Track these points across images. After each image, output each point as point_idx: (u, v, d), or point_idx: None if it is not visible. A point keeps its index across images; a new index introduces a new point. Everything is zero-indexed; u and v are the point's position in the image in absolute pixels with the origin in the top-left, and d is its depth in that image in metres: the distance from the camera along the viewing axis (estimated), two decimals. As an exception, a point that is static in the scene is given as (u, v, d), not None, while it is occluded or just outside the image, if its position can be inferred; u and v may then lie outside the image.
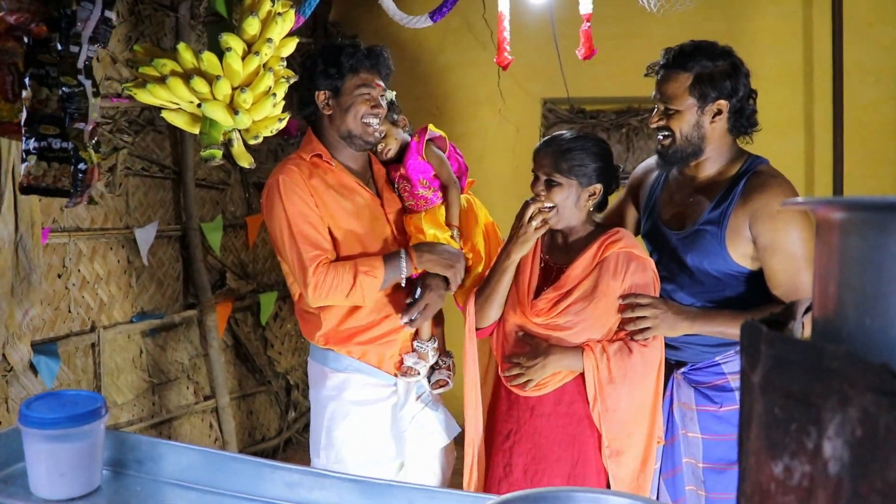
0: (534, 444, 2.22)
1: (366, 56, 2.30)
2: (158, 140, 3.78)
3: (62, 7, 1.82)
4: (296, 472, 1.33)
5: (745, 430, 0.71)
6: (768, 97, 4.34)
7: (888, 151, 4.33)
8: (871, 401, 0.54)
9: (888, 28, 4.27)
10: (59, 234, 3.16)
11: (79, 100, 1.83)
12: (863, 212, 0.64)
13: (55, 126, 1.85)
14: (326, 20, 5.10)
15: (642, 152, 4.85)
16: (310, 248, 2.21)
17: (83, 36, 1.82)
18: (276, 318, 4.69)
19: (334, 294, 2.20)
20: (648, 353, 2.16)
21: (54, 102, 1.85)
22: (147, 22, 3.59)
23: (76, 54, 1.83)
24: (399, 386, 2.39)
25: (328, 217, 2.27)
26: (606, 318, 2.19)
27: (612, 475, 2.17)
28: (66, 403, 1.30)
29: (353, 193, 2.35)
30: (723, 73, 2.20)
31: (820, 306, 0.71)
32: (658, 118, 2.26)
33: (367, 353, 2.35)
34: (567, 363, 2.17)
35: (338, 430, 2.34)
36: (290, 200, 2.22)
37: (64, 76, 1.83)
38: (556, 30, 4.38)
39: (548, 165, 2.21)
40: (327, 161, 2.33)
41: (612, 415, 2.15)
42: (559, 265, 2.28)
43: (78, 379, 3.27)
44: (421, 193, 2.42)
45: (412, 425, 2.38)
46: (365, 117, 2.29)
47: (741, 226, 2.15)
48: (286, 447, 4.70)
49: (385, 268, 2.24)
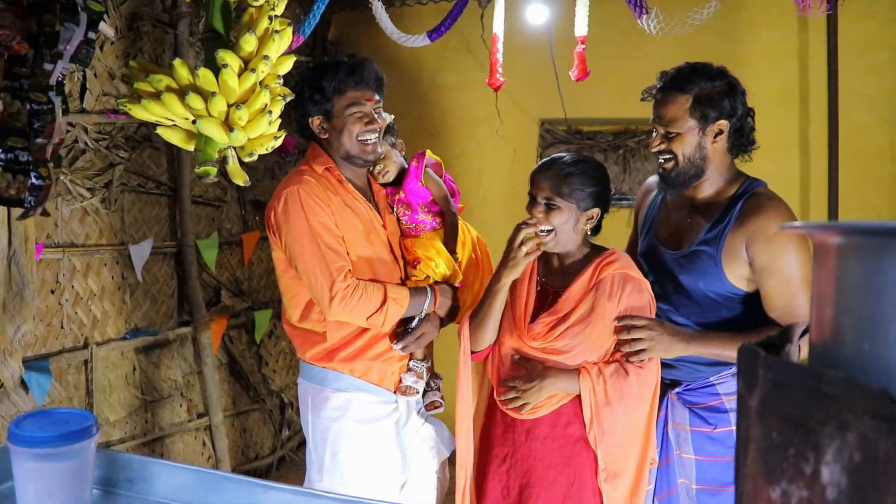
0: (530, 466, 2.20)
1: (349, 73, 2.27)
2: (155, 156, 3.78)
3: (43, 25, 1.82)
4: (289, 492, 1.31)
5: (742, 454, 0.70)
6: (764, 119, 4.36)
7: (882, 175, 4.35)
8: (870, 426, 0.53)
9: (882, 52, 4.31)
10: (53, 250, 3.15)
11: (46, 116, 1.84)
12: (860, 236, 0.63)
13: (24, 139, 1.85)
14: (326, 39, 5.12)
15: (639, 173, 4.86)
16: (336, 258, 2.19)
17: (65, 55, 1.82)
18: (270, 335, 4.68)
19: (357, 311, 2.19)
20: (644, 375, 2.15)
21: (24, 116, 1.85)
22: (146, 38, 3.60)
23: (49, 72, 1.84)
24: (400, 402, 2.38)
25: (342, 230, 2.26)
26: (603, 341, 2.18)
27: (606, 497, 2.16)
28: (56, 422, 1.28)
29: (360, 210, 2.34)
30: (721, 93, 2.20)
31: (817, 330, 0.70)
32: (659, 142, 2.25)
33: (369, 370, 2.33)
34: (563, 386, 2.16)
35: (343, 451, 2.32)
36: (312, 210, 2.20)
37: (34, 92, 1.83)
38: (553, 51, 4.41)
39: (548, 188, 2.18)
40: (337, 177, 2.33)
41: (608, 437, 2.14)
42: (556, 288, 2.27)
43: (70, 396, 3.24)
44: (421, 218, 2.43)
45: (415, 440, 2.40)
46: (360, 135, 2.28)
47: (738, 247, 2.15)
48: (280, 465, 4.67)
49: (410, 301, 2.26)
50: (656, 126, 2.27)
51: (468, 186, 4.65)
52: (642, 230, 2.49)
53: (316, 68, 2.33)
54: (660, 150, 2.25)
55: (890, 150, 4.33)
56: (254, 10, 1.79)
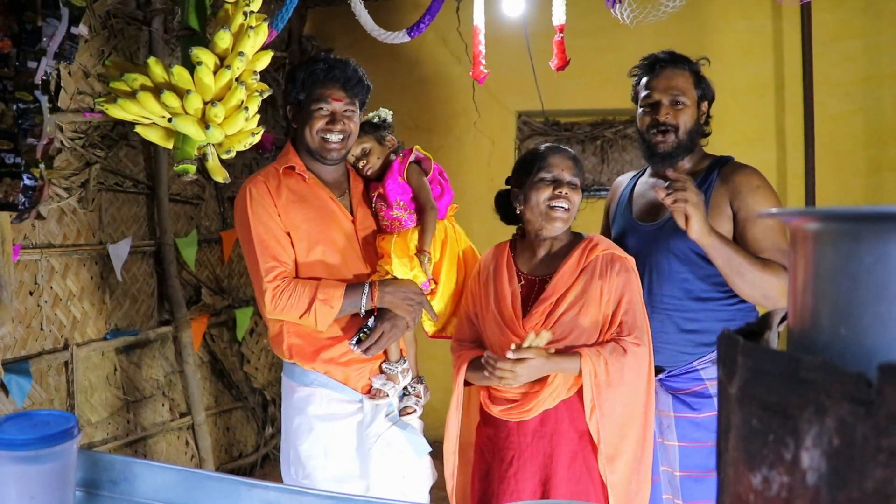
0: (538, 466, 2.19)
1: (323, 70, 2.28)
2: (132, 155, 3.75)
3: (24, 22, 1.80)
4: (272, 490, 1.31)
5: (724, 440, 0.71)
6: (740, 109, 4.44)
7: (858, 162, 4.40)
8: (848, 410, 0.54)
9: (856, 41, 4.35)
10: (31, 251, 3.12)
11: (33, 116, 1.81)
12: (836, 222, 0.64)
13: (9, 141, 1.83)
14: (301, 34, 5.10)
15: (617, 164, 4.89)
16: (268, 259, 2.21)
17: (48, 52, 1.80)
18: (252, 333, 4.66)
19: (287, 311, 2.20)
20: (640, 352, 2.16)
21: (9, 118, 1.83)
22: (120, 36, 3.57)
23: (34, 70, 1.82)
24: (365, 403, 2.33)
25: (292, 229, 2.25)
26: (597, 320, 2.19)
27: (609, 484, 2.15)
28: (37, 424, 1.27)
29: (323, 208, 2.32)
30: (703, 77, 2.38)
31: (795, 316, 0.71)
32: (667, 112, 2.32)
33: (331, 370, 2.31)
34: (563, 366, 2.13)
35: (303, 445, 2.31)
36: (254, 211, 2.23)
37: (20, 91, 1.81)
38: (530, 43, 4.41)
39: (571, 168, 2.27)
40: (300, 173, 2.31)
41: (608, 419, 2.14)
42: (541, 276, 2.28)
43: (51, 398, 3.21)
44: (395, 215, 2.37)
45: (378, 444, 2.32)
46: (320, 132, 2.27)
47: (722, 204, 2.24)
48: (264, 463, 4.66)
49: (344, 299, 2.21)
50: (661, 97, 2.33)
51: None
52: (615, 216, 2.54)
53: (303, 61, 2.37)
54: (666, 121, 2.31)
55: (865, 138, 4.38)
56: (229, 7, 1.78)
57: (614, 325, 2.19)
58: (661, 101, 2.32)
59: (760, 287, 2.14)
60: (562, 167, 2.25)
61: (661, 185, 2.32)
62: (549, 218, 2.24)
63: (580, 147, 4.94)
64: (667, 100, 2.32)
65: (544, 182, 2.24)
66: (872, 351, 0.60)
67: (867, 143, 4.38)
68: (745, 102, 4.50)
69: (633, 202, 2.48)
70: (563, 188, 2.23)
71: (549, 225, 2.24)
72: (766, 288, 2.14)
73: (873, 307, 0.60)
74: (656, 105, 2.33)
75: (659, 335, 2.28)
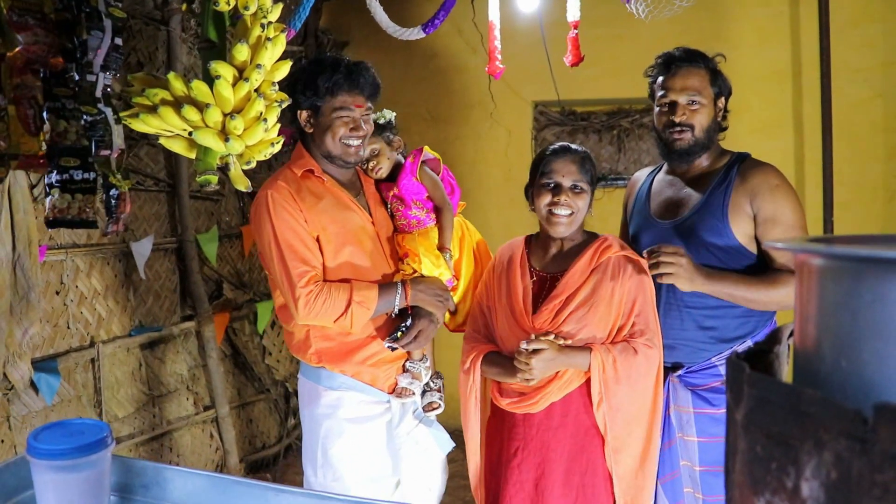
0: (543, 458, 2.23)
1: (345, 77, 2.25)
2: (152, 153, 3.80)
3: (76, 37, 1.84)
4: (300, 496, 1.35)
5: (730, 462, 0.74)
6: (757, 97, 4.42)
7: (876, 149, 4.37)
8: (845, 446, 0.57)
9: (874, 26, 4.31)
10: (56, 252, 3.18)
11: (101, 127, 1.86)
12: (839, 261, 0.67)
13: (75, 157, 1.87)
14: (317, 28, 5.12)
15: (633, 153, 4.89)
16: (299, 264, 2.19)
17: (95, 64, 1.84)
18: (273, 325, 4.72)
19: (323, 315, 2.19)
20: (651, 354, 2.20)
21: (73, 134, 1.87)
22: (139, 37, 3.61)
23: (94, 83, 1.86)
24: (393, 403, 2.38)
25: (319, 232, 2.25)
26: (606, 322, 2.22)
27: (615, 476, 2.21)
28: (72, 433, 1.32)
29: (345, 209, 2.33)
30: (720, 72, 2.38)
31: (801, 341, 0.74)
32: (683, 112, 2.33)
33: (360, 371, 2.33)
34: (575, 361, 2.17)
35: (334, 448, 2.33)
36: (279, 216, 2.20)
37: (84, 105, 1.85)
38: (545, 33, 4.41)
39: (575, 172, 2.26)
40: (319, 176, 2.32)
41: (616, 413, 2.19)
42: (552, 274, 2.31)
43: (78, 394, 3.29)
44: (414, 214, 2.41)
45: (407, 441, 2.39)
46: (344, 139, 2.27)
47: (743, 203, 2.25)
48: (286, 454, 4.74)
49: (379, 300, 2.24)
50: (677, 97, 2.34)
51: (463, 170, 4.67)
52: (632, 213, 2.56)
53: (315, 62, 2.31)
54: (683, 121, 2.32)
55: (884, 124, 4.35)
56: (247, 18, 1.81)
57: (626, 328, 2.22)
58: (677, 101, 2.33)
59: (771, 305, 2.22)
60: (563, 172, 2.26)
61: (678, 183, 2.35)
62: (549, 222, 2.28)
63: (597, 136, 4.94)
64: (683, 100, 2.32)
65: (545, 188, 2.27)
66: (871, 385, 0.63)
67: (886, 128, 4.35)
68: (763, 90, 4.48)
69: (650, 199, 2.49)
70: (561, 195, 2.24)
71: (551, 228, 2.29)
72: (777, 304, 2.22)
73: (872, 343, 0.63)
74: (673, 105, 2.34)
75: (678, 332, 2.30)
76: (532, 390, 2.23)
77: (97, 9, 1.88)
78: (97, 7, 1.88)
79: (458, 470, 2.55)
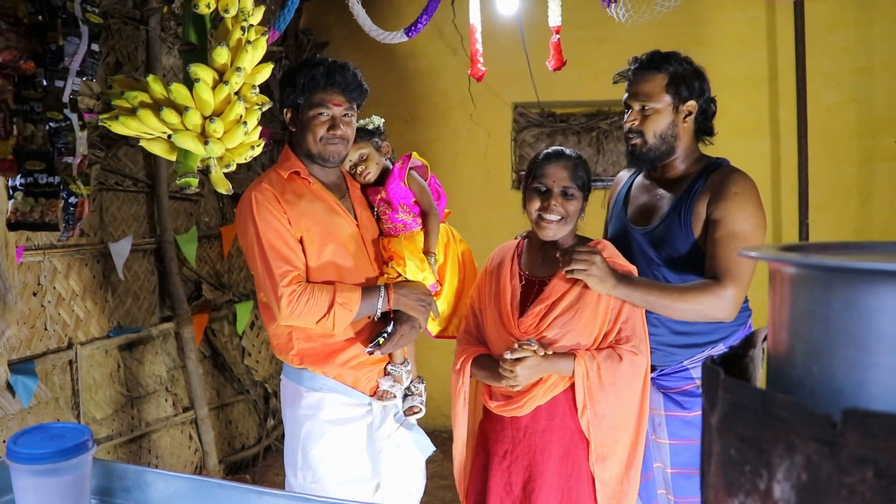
0: (530, 461, 2.24)
1: (323, 74, 2.27)
2: (131, 154, 3.78)
3: (47, 43, 1.83)
4: (282, 498, 1.36)
5: (706, 464, 0.76)
6: (734, 100, 4.48)
7: (850, 152, 4.44)
8: (814, 450, 0.59)
9: (848, 32, 4.39)
10: (34, 252, 3.16)
11: (66, 134, 1.85)
12: (810, 270, 0.69)
13: (41, 161, 1.86)
14: (297, 28, 5.11)
15: (612, 154, 4.93)
16: (281, 264, 2.20)
17: (71, 70, 1.83)
18: (252, 326, 4.71)
19: (306, 316, 2.20)
20: (637, 361, 2.21)
21: (40, 138, 1.86)
22: (118, 36, 3.59)
23: (61, 89, 1.85)
24: (374, 406, 2.38)
25: (303, 233, 2.26)
26: (592, 328, 2.23)
27: (597, 479, 2.21)
28: (52, 437, 1.32)
29: (330, 211, 2.33)
30: (692, 75, 2.33)
31: (773, 348, 0.76)
32: (634, 118, 2.33)
33: (342, 373, 2.34)
34: (559, 367, 2.19)
35: (314, 450, 2.33)
36: (262, 217, 2.21)
37: (50, 111, 1.84)
38: (525, 35, 4.44)
39: (566, 177, 2.26)
40: (305, 178, 2.33)
41: (600, 420, 2.19)
42: (541, 278, 2.32)
43: (56, 396, 3.26)
44: (401, 217, 2.43)
45: (388, 444, 2.39)
46: (322, 139, 2.29)
47: (701, 210, 2.24)
48: (266, 455, 4.73)
49: (362, 302, 2.24)
50: (632, 103, 2.35)
51: (443, 171, 4.69)
52: (611, 215, 2.57)
53: (302, 62, 2.35)
54: (632, 126, 2.33)
55: (857, 128, 4.42)
56: (228, 21, 1.81)
57: (612, 334, 2.23)
58: (631, 107, 2.35)
59: (686, 314, 2.20)
60: (554, 177, 2.26)
61: (654, 187, 2.37)
62: (539, 226, 2.29)
63: (576, 138, 4.98)
64: (636, 105, 2.34)
65: (536, 192, 2.28)
66: (840, 391, 0.65)
67: (860, 132, 4.42)
68: (740, 93, 4.53)
69: (628, 203, 2.51)
70: (550, 200, 2.25)
71: (540, 232, 2.29)
72: (688, 315, 2.19)
73: (842, 349, 0.65)
74: (629, 109, 2.37)
75: (651, 336, 2.32)
76: (517, 394, 2.24)
77: (74, 14, 1.87)
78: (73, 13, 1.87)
79: (437, 470, 2.57)
